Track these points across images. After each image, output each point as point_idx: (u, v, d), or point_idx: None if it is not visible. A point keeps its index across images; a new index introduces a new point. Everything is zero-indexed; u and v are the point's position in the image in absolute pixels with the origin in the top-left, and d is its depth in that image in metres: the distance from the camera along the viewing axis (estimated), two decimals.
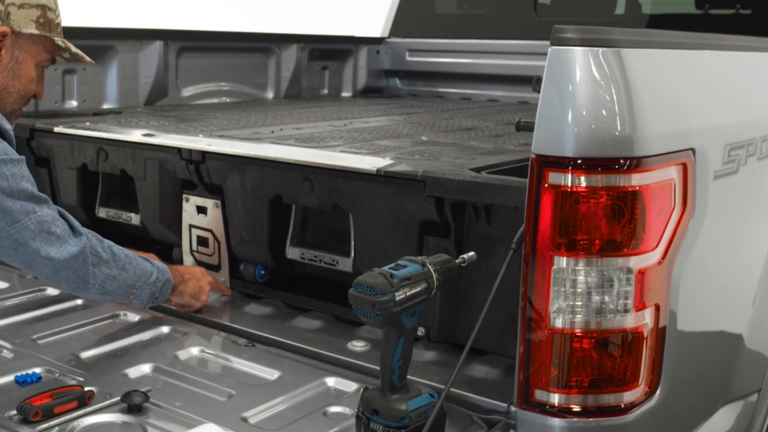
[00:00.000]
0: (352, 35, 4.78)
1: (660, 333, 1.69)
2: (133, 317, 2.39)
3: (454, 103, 4.40)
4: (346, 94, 4.78)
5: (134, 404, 1.80)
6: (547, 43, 1.57)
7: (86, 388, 1.85)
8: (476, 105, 4.31)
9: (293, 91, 4.41)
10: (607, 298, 1.60)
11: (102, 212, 2.93)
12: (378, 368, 1.71)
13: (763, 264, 2.13)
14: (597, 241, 1.58)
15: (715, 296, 1.95)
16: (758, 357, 2.21)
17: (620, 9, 4.46)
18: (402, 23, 4.89)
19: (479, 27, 4.81)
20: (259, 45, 4.30)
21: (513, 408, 1.70)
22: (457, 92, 4.74)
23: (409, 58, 4.86)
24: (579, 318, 1.61)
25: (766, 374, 2.24)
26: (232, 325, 2.33)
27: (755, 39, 2.19)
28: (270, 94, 4.37)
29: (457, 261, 1.76)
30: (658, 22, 4.28)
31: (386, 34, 4.90)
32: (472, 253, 1.80)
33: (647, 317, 1.65)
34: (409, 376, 1.73)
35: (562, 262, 1.59)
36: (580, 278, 1.59)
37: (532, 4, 4.57)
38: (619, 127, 1.54)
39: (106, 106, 3.57)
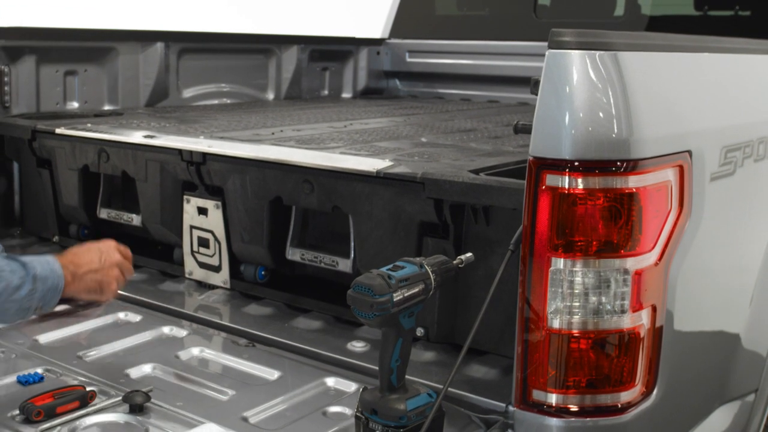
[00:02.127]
0: (353, 36, 4.79)
1: (657, 333, 1.70)
2: (135, 317, 2.40)
3: (453, 104, 4.41)
4: (346, 95, 4.79)
5: (136, 404, 1.82)
6: (547, 44, 1.58)
7: (88, 388, 1.86)
8: (476, 106, 4.32)
9: (293, 92, 4.43)
10: (604, 299, 1.62)
11: (103, 213, 2.95)
12: (377, 368, 1.73)
13: (760, 264, 2.14)
14: (594, 243, 1.60)
15: (712, 297, 1.96)
16: (755, 357, 2.22)
17: (620, 10, 4.47)
18: (402, 24, 4.90)
19: (479, 28, 4.82)
20: (259, 46, 4.31)
21: (511, 408, 1.71)
22: (457, 93, 4.75)
23: (409, 59, 4.87)
24: (576, 319, 1.62)
25: (763, 374, 2.25)
26: (233, 325, 2.34)
27: (752, 41, 2.20)
28: (270, 96, 4.38)
29: (454, 262, 1.78)
30: (658, 23, 4.29)
31: (386, 35, 4.91)
32: (469, 254, 1.82)
33: (644, 318, 1.66)
34: (408, 376, 1.75)
35: (559, 263, 1.60)
36: (578, 279, 1.61)
37: (532, 5, 4.58)
38: (615, 130, 1.56)
39: (107, 108, 3.59)
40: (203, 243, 2.61)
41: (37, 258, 2.08)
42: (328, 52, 4.64)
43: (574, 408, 1.65)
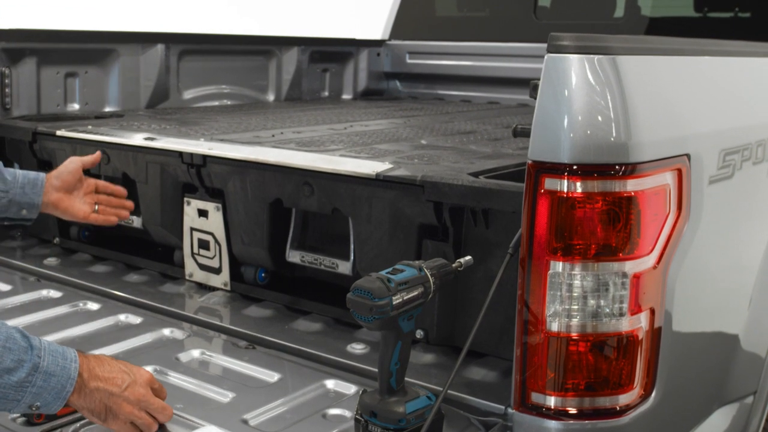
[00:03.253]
0: (353, 38, 4.80)
1: (655, 336, 1.70)
2: (135, 319, 2.41)
3: (454, 105, 4.42)
4: (346, 96, 4.80)
5: None
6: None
7: None
8: (476, 108, 4.32)
9: (294, 93, 4.43)
10: (602, 302, 1.62)
11: None
12: (377, 370, 1.74)
13: (759, 266, 2.15)
14: (593, 246, 1.60)
15: (711, 299, 1.97)
16: (754, 359, 2.23)
17: (619, 12, 4.48)
18: (402, 26, 4.91)
19: (479, 29, 4.83)
20: (259, 48, 4.32)
21: (510, 410, 1.72)
22: (457, 94, 4.76)
23: (409, 61, 4.88)
24: (575, 322, 1.62)
25: (762, 376, 2.26)
26: (233, 327, 2.35)
27: (750, 44, 2.20)
28: (271, 97, 4.39)
29: (453, 265, 1.78)
30: (658, 25, 4.30)
31: (386, 37, 4.91)
32: (468, 258, 1.82)
33: (642, 321, 1.66)
34: (407, 379, 1.75)
35: (558, 266, 1.61)
36: (576, 282, 1.61)
37: (532, 6, 4.59)
38: (614, 134, 1.56)
39: (107, 109, 3.59)
40: (203, 245, 2.61)
41: (53, 346, 1.63)
42: (329, 53, 4.65)
43: (572, 411, 1.66)
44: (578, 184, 1.57)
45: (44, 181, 2.32)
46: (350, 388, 1.99)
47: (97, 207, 2.43)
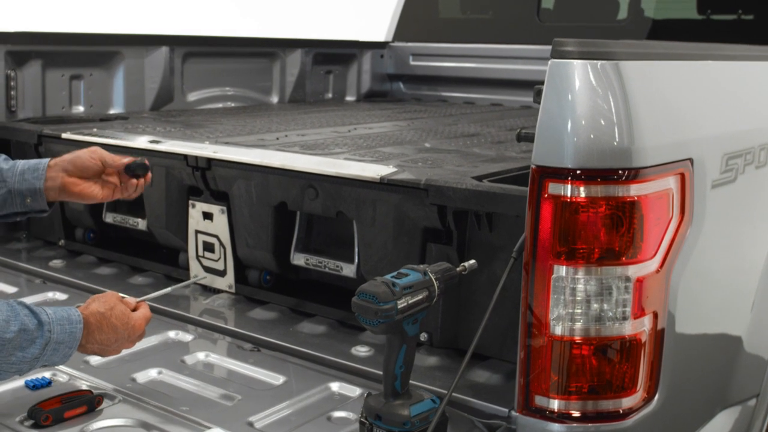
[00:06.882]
0: (356, 40, 4.82)
1: (658, 340, 1.71)
2: None
3: (457, 107, 4.43)
4: (350, 98, 4.81)
5: None
6: (550, 47, 1.60)
7: (95, 393, 1.88)
8: (479, 110, 4.33)
9: (298, 95, 4.45)
10: (605, 306, 1.63)
11: (109, 218, 2.97)
12: (381, 373, 1.75)
13: (762, 270, 2.15)
14: (596, 250, 1.61)
15: (714, 303, 1.97)
16: (757, 362, 2.23)
17: (623, 14, 4.48)
18: (406, 27, 4.92)
19: (483, 31, 4.83)
20: (263, 50, 4.33)
21: (514, 413, 1.73)
22: (461, 96, 4.77)
23: (412, 63, 4.89)
24: (578, 325, 1.63)
25: (765, 379, 2.26)
26: (238, 330, 2.36)
27: (753, 48, 2.21)
28: (275, 99, 4.40)
29: (458, 269, 1.79)
30: (661, 27, 4.30)
31: (390, 39, 4.93)
32: (472, 261, 1.84)
33: (645, 324, 1.67)
34: (412, 381, 1.76)
35: (561, 270, 1.62)
36: (580, 286, 1.62)
37: (536, 9, 4.60)
38: (617, 139, 1.57)
39: (112, 112, 3.61)
40: (208, 247, 2.62)
41: (58, 313, 1.75)
42: (332, 55, 4.66)
43: (576, 414, 1.67)
44: (582, 188, 1.58)
45: (46, 165, 2.10)
46: (355, 391, 2.00)
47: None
